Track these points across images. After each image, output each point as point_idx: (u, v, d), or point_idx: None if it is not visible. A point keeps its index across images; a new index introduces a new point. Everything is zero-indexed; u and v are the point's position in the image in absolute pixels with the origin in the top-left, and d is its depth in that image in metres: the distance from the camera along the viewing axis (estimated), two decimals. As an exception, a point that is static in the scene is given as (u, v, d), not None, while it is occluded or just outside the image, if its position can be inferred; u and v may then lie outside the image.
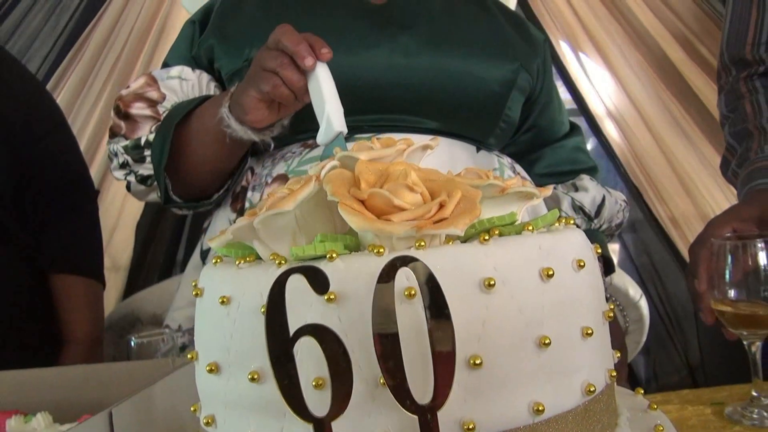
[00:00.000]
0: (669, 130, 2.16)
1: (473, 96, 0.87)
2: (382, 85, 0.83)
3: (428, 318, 0.30)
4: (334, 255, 0.32)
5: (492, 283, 0.32)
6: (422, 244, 0.32)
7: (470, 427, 0.31)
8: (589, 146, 2.45)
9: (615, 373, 0.37)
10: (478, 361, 0.31)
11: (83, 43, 2.07)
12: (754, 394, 0.66)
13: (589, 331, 0.35)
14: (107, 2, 2.07)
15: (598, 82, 2.21)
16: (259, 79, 0.71)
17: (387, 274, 0.30)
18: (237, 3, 0.93)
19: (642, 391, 0.43)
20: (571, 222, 0.40)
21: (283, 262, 0.34)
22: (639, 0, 2.14)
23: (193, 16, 0.97)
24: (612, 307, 0.39)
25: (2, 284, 0.99)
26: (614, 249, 2.32)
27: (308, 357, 0.31)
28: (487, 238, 0.33)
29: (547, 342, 0.33)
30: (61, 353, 1.05)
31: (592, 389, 0.34)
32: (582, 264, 0.35)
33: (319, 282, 0.30)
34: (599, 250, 0.39)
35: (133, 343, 0.71)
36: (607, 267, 1.02)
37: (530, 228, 0.35)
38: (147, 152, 0.84)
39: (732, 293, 0.68)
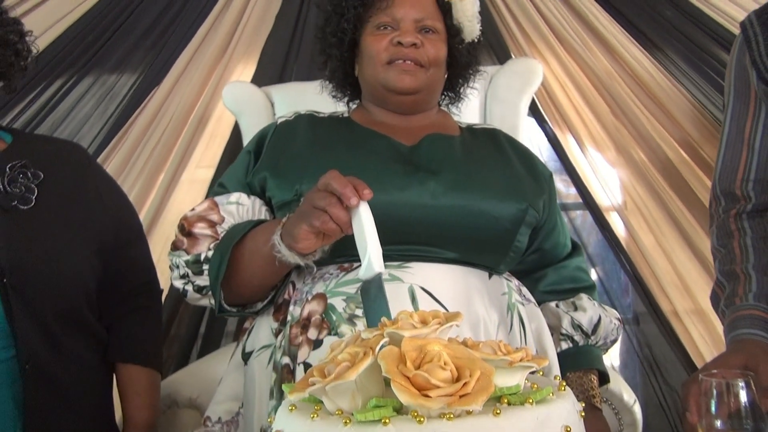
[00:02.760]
0: (669, 228, 2.27)
1: (487, 232, 1.01)
2: (411, 221, 0.97)
3: (455, 473, 0.43)
4: (387, 421, 0.45)
5: (501, 447, 0.44)
6: (451, 416, 0.45)
7: None
8: (594, 238, 2.55)
9: None
10: (489, 506, 0.43)
11: (128, 128, 2.25)
12: None
13: (573, 481, 0.47)
14: (151, 94, 2.25)
15: (604, 179, 2.33)
16: (310, 215, 0.85)
17: (427, 442, 0.43)
18: (287, 138, 1.09)
19: None
20: (563, 388, 0.52)
21: (348, 421, 0.47)
22: (642, 106, 2.29)
23: (248, 146, 1.13)
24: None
25: (81, 371, 1.12)
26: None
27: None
28: (498, 411, 0.46)
29: (541, 491, 0.45)
30: None
31: None
32: (569, 429, 0.48)
33: (379, 448, 0.43)
34: (582, 413, 0.51)
35: (190, 439, 0.83)
36: (602, 377, 1.14)
37: (530, 401, 0.48)
38: (205, 267, 0.99)
39: (719, 425, 0.79)
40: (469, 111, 1.29)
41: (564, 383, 0.54)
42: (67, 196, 1.16)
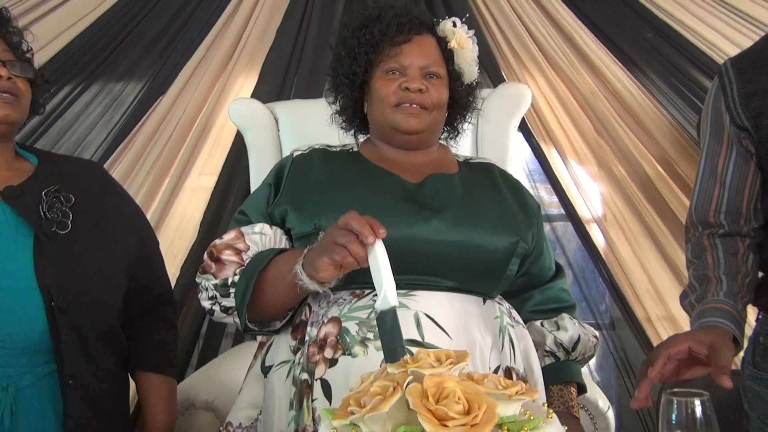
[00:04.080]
0: (645, 240, 2.40)
1: (483, 263, 1.15)
2: (417, 255, 1.10)
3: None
4: (414, 445, 0.58)
5: (503, 467, 0.57)
6: (465, 442, 0.58)
7: None
8: (574, 246, 2.66)
9: None
10: None
11: (134, 136, 2.33)
12: None
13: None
14: (156, 102, 2.33)
15: (586, 192, 2.46)
16: (331, 249, 0.96)
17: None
18: (304, 173, 1.21)
19: None
20: (550, 415, 0.65)
21: (383, 444, 0.59)
22: (623, 124, 2.41)
23: (267, 179, 1.24)
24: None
25: (109, 382, 1.23)
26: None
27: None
28: (501, 438, 0.58)
29: (532, 499, 0.58)
30: None
31: None
32: (555, 450, 0.61)
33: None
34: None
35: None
36: (580, 388, 1.28)
37: (525, 428, 0.61)
38: (232, 290, 1.10)
39: None
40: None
41: (551, 411, 0.66)
42: (95, 218, 1.25)
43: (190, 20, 2.41)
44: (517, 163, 2.35)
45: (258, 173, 1.99)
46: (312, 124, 1.95)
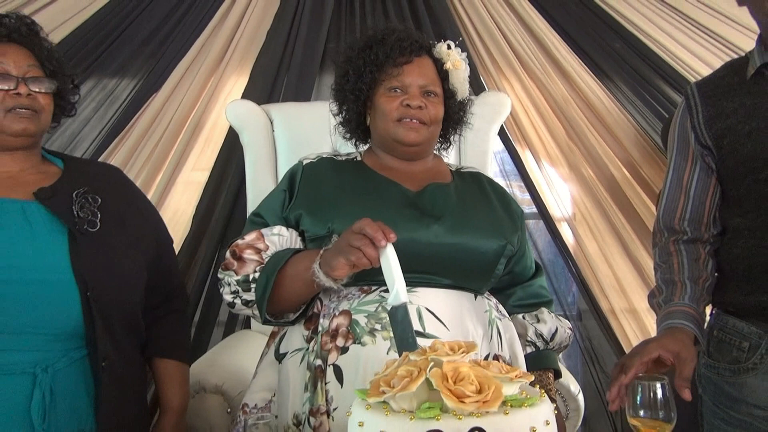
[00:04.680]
0: (611, 238, 2.57)
1: (475, 264, 1.29)
2: (419, 256, 1.24)
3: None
4: (438, 417, 0.72)
5: (509, 435, 0.72)
6: (479, 414, 0.72)
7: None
8: (544, 241, 2.80)
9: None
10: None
11: (128, 131, 2.41)
12: None
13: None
14: (149, 100, 2.40)
15: (557, 192, 2.62)
16: (347, 251, 1.09)
17: (467, 432, 0.69)
18: (315, 180, 1.34)
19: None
20: (543, 395, 0.80)
21: (413, 417, 0.73)
22: (592, 128, 2.58)
23: (281, 185, 1.36)
24: None
25: (131, 366, 1.34)
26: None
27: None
28: (507, 412, 0.73)
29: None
30: (159, 420, 1.41)
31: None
32: (548, 422, 0.75)
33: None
34: (556, 410, 0.79)
35: (250, 422, 1.08)
36: (556, 373, 1.45)
37: (525, 405, 0.75)
38: (253, 285, 1.23)
39: (641, 413, 1.09)
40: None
41: (544, 391, 0.81)
42: (119, 217, 1.36)
43: (182, 21, 2.48)
44: (494, 163, 2.50)
45: (253, 171, 2.10)
46: (304, 125, 2.08)
